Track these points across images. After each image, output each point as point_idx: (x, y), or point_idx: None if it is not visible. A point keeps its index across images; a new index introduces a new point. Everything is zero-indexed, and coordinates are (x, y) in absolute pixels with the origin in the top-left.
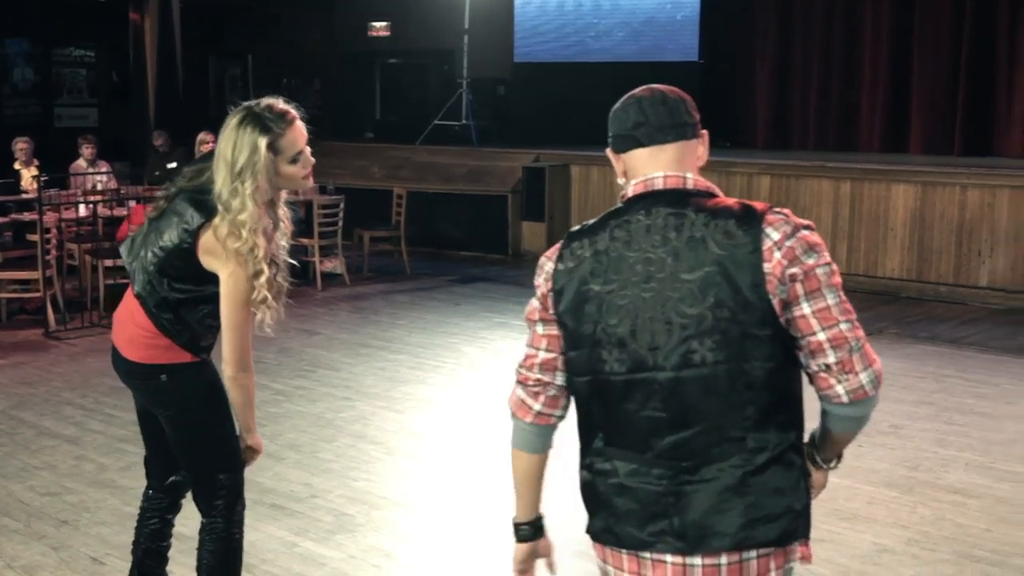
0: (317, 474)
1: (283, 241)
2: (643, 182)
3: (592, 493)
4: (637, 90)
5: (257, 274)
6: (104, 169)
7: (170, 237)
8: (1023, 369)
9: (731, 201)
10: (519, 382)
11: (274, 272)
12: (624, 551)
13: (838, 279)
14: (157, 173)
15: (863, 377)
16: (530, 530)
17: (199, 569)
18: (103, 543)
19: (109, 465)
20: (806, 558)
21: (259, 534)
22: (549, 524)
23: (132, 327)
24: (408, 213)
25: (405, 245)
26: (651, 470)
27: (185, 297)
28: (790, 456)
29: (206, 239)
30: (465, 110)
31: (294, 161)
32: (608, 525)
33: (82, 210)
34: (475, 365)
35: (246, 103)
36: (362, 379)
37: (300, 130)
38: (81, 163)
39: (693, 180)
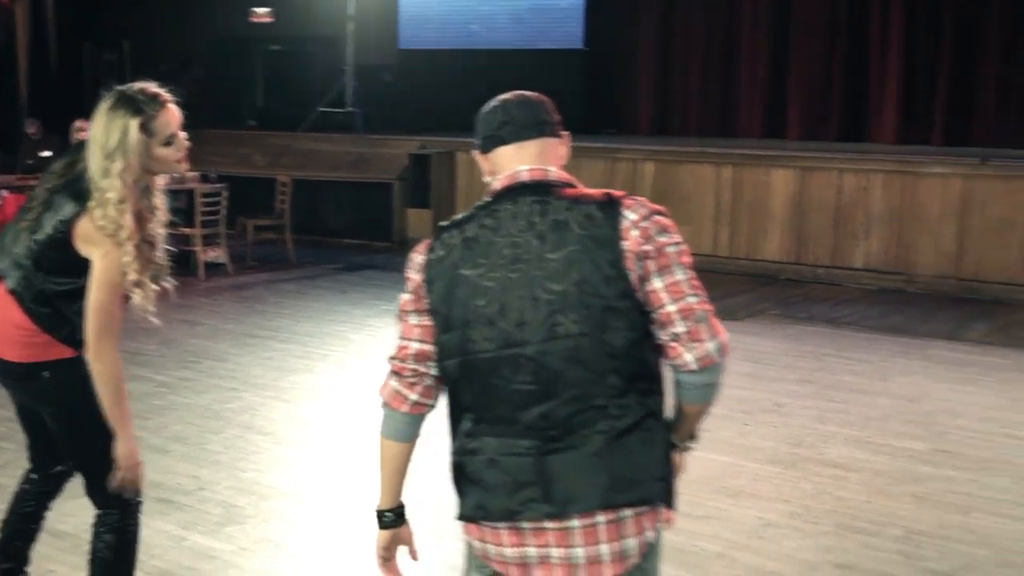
0: (205, 466)
1: (160, 229)
2: (509, 175)
3: (462, 474)
4: (503, 95)
5: (126, 254)
6: None
7: (45, 229)
8: (897, 347)
9: (591, 191)
10: (394, 372)
11: (147, 252)
12: (501, 525)
13: (688, 258)
14: (30, 161)
15: (709, 345)
16: (393, 517)
17: (92, 562)
18: None
19: None
20: (670, 520)
21: (146, 529)
22: (415, 513)
23: (9, 327)
24: (292, 201)
25: (290, 233)
26: (520, 442)
27: (63, 290)
28: (651, 423)
29: (82, 226)
30: (350, 97)
31: (167, 144)
32: (479, 502)
33: None
34: (363, 353)
35: (119, 87)
36: (249, 369)
37: (173, 113)
38: None
39: (556, 173)
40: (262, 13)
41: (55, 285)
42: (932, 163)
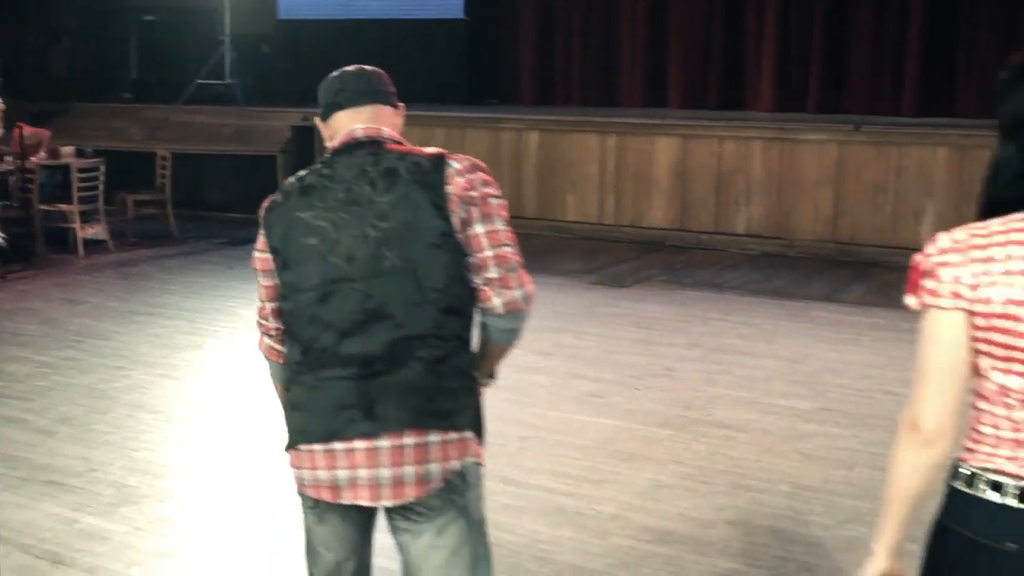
0: (94, 447)
1: None
2: (345, 134)
3: (291, 406)
4: (334, 72)
5: None
6: None
7: None
8: (780, 309)
9: (421, 149)
10: (264, 333)
11: None
12: (317, 448)
13: (506, 213)
14: None
15: (517, 293)
16: None
17: None
18: None
19: None
20: (479, 456)
21: (35, 512)
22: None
23: None
24: (173, 175)
25: (171, 208)
26: (345, 368)
27: None
28: (464, 356)
29: None
30: (228, 69)
31: None
32: (302, 425)
33: None
34: (253, 327)
35: None
36: (136, 347)
37: None
38: None
39: (388, 132)
40: None
41: None
42: (808, 130)
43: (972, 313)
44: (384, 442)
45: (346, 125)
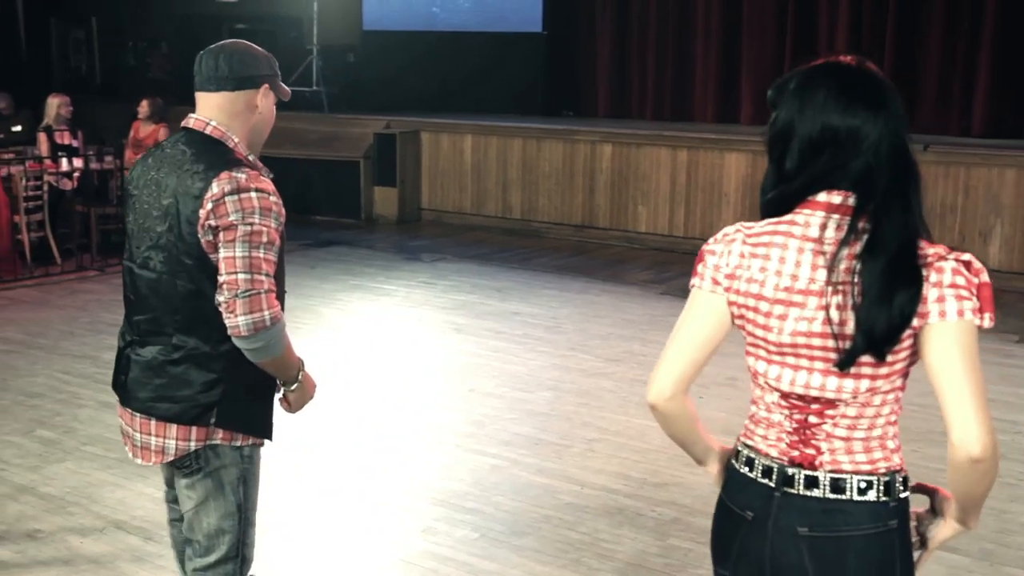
0: None
1: None
2: (185, 119)
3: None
4: (218, 43)
5: None
6: None
7: None
8: None
9: (222, 152)
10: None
11: None
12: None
13: (258, 238)
14: (1, 135)
15: (240, 320)
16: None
17: None
18: None
19: None
20: (225, 439)
21: (127, 491)
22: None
23: None
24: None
25: None
26: (124, 336)
27: None
28: (205, 361)
29: None
30: (316, 77)
31: None
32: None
33: None
34: (333, 326)
35: None
36: None
37: None
38: None
39: (213, 127)
40: None
41: None
42: None
43: (729, 301)
44: (136, 413)
45: (196, 108)
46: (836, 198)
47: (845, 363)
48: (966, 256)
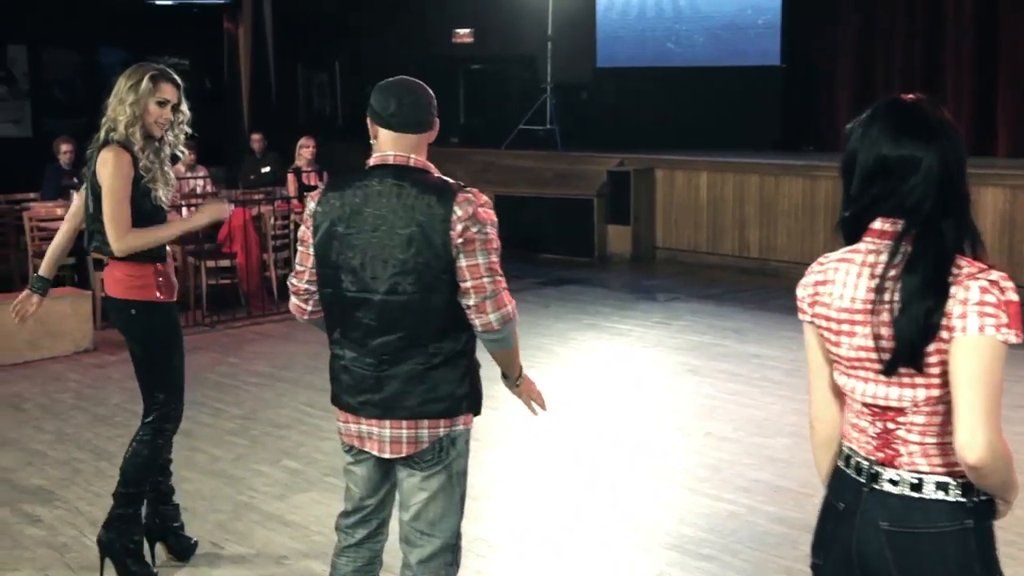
0: None
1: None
2: (379, 157)
3: (331, 369)
4: (394, 82)
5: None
6: (201, 174)
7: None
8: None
9: (437, 179)
10: (293, 292)
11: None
12: (348, 412)
13: (491, 245)
14: (252, 177)
15: (491, 316)
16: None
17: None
18: (220, 528)
19: (221, 456)
20: (467, 423)
21: (325, 508)
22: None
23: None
24: (496, 216)
25: None
26: (365, 359)
27: None
28: (456, 359)
29: None
30: (549, 114)
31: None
32: (336, 393)
33: (184, 213)
34: (568, 365)
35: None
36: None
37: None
38: (180, 168)
39: (414, 160)
40: (463, 34)
41: None
42: None
43: (815, 326)
44: (386, 425)
45: (386, 145)
46: (888, 226)
47: (886, 371)
48: (994, 275)
